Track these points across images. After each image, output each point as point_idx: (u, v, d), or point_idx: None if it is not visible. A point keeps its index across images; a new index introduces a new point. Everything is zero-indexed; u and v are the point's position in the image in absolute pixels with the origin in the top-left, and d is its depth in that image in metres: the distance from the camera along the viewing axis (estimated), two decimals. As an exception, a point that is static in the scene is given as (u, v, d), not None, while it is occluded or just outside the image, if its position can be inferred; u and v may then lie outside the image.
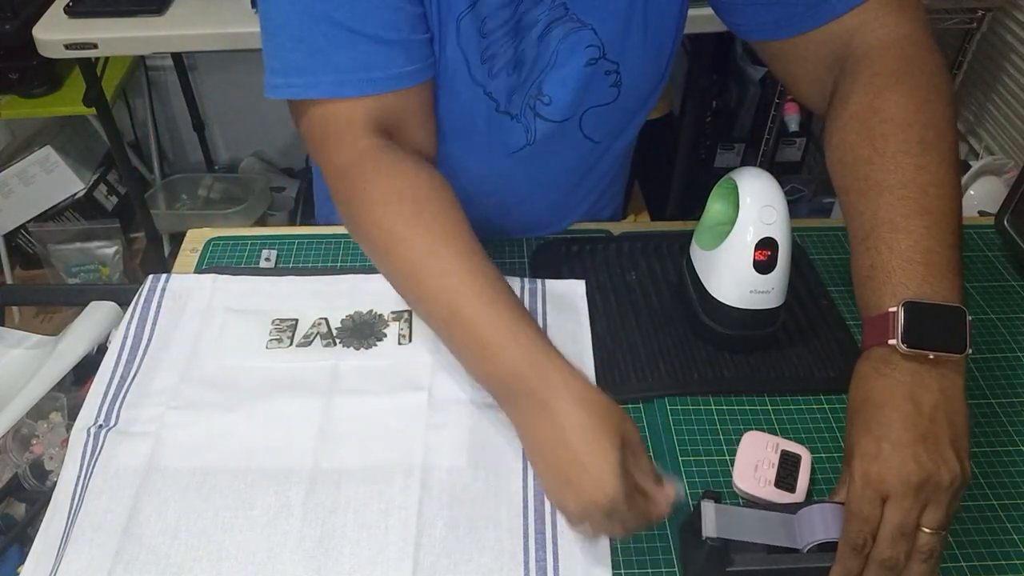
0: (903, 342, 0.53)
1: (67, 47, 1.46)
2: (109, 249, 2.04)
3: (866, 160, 0.60)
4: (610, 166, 0.92)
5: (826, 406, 0.74)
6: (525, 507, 0.64)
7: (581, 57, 0.74)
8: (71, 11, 1.49)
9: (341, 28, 0.62)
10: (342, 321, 0.79)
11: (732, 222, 0.72)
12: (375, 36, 0.63)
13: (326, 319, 0.79)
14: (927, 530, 0.52)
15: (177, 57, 2.14)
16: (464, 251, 0.62)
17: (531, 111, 0.76)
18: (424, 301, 0.63)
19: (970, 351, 0.54)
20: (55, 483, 0.66)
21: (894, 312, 0.54)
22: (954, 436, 0.52)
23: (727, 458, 0.69)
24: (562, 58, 0.73)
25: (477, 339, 0.60)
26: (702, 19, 1.51)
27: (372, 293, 0.82)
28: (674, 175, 1.88)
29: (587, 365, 0.76)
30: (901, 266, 0.56)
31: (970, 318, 0.54)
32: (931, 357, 0.53)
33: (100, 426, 0.70)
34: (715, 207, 0.79)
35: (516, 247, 0.90)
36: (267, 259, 0.88)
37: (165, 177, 2.27)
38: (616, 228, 0.93)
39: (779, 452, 0.67)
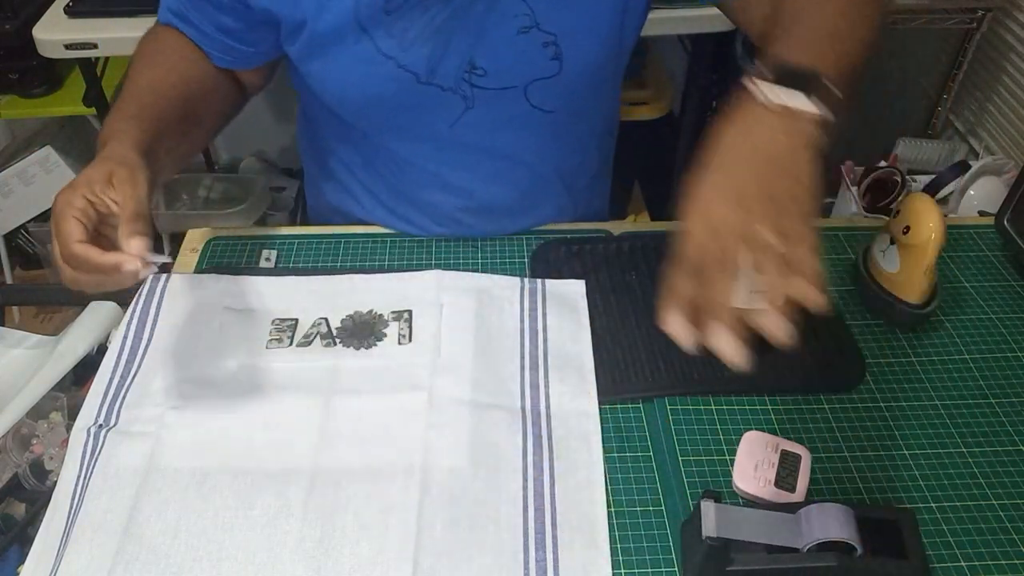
0: (775, 79, 0.56)
1: (67, 47, 1.46)
2: (109, 249, 2.04)
3: (783, 15, 0.66)
4: (582, 147, 0.92)
5: (826, 406, 0.74)
6: (525, 507, 0.64)
7: (511, 26, 0.74)
8: (71, 11, 1.49)
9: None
10: (342, 321, 0.79)
11: (732, 222, 0.72)
12: (193, 23, 0.77)
13: (326, 319, 0.79)
14: (766, 237, 0.52)
15: (177, 57, 2.13)
16: (161, 79, 0.76)
17: (466, 83, 0.77)
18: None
19: (825, 117, 0.56)
20: (55, 483, 0.66)
21: (774, 63, 0.58)
22: (794, 180, 0.54)
23: (727, 458, 0.69)
24: (490, 28, 0.73)
25: (114, 113, 0.73)
26: (702, 19, 1.51)
27: (372, 293, 0.82)
28: (674, 175, 1.88)
29: (587, 365, 0.76)
30: (791, 46, 0.60)
31: (834, 90, 0.57)
32: (791, 107, 0.55)
33: (100, 426, 0.70)
34: (715, 207, 0.79)
35: (516, 247, 0.90)
36: (267, 259, 0.88)
37: (165, 177, 2.27)
38: (616, 228, 0.93)
39: (779, 452, 0.67)
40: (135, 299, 0.81)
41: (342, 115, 0.83)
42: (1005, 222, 0.89)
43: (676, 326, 0.56)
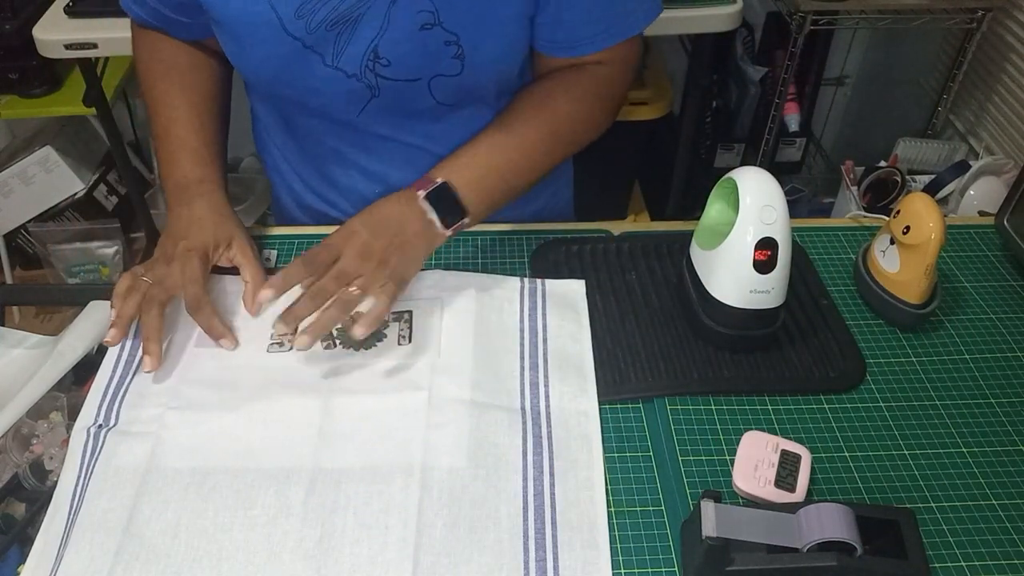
0: (425, 197, 0.76)
1: (67, 47, 1.46)
2: (109, 249, 2.04)
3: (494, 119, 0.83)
4: None
5: (826, 406, 0.74)
6: (525, 507, 0.64)
7: (414, 21, 0.74)
8: (71, 11, 1.48)
9: None
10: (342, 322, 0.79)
11: (732, 222, 0.72)
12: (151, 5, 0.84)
13: (326, 319, 0.79)
14: (352, 288, 0.72)
15: (177, 57, 2.13)
16: (196, 102, 0.87)
17: (371, 72, 0.78)
18: (155, 124, 0.86)
19: (449, 233, 0.77)
20: (55, 483, 0.66)
21: (438, 181, 0.77)
22: (404, 257, 0.75)
23: (727, 458, 0.69)
24: (394, 21, 0.75)
25: (174, 153, 0.84)
26: (702, 19, 1.51)
27: (372, 293, 0.82)
28: (674, 175, 1.88)
29: (587, 365, 0.76)
30: (460, 167, 0.79)
31: (466, 221, 0.78)
32: (429, 216, 0.76)
33: (100, 426, 0.70)
34: (715, 207, 0.79)
35: (516, 247, 0.90)
36: (267, 259, 0.88)
37: (165, 177, 2.27)
38: (616, 228, 0.93)
39: (779, 452, 0.67)
40: (135, 299, 0.81)
41: (266, 96, 0.89)
42: (1005, 222, 0.89)
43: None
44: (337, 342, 0.77)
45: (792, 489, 0.65)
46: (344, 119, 0.84)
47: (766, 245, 0.70)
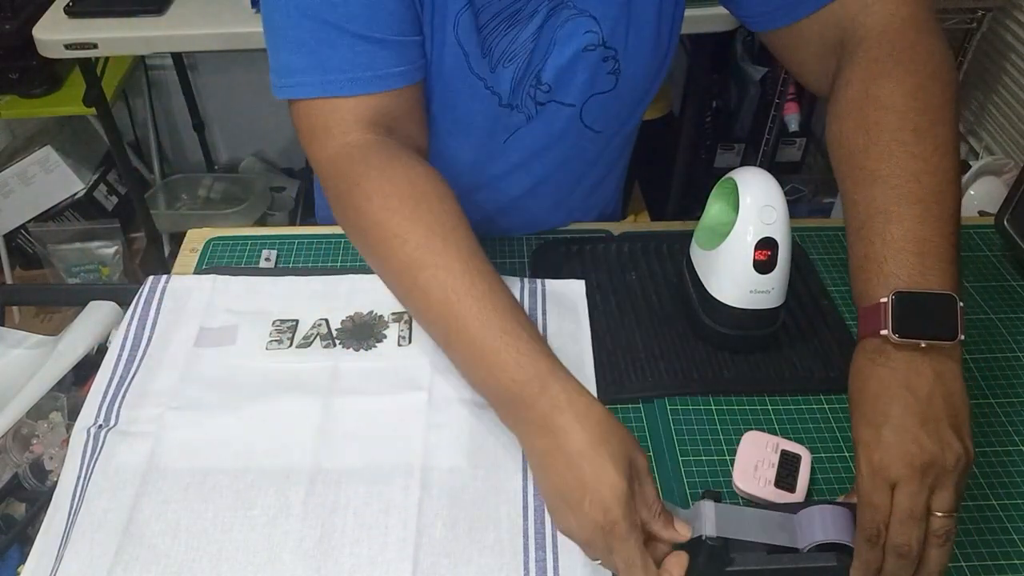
0: (894, 332, 0.54)
1: (67, 47, 1.46)
2: (109, 249, 2.04)
3: (861, 149, 0.60)
4: (610, 161, 0.92)
5: (826, 406, 0.74)
6: (525, 507, 0.64)
7: (579, 43, 0.73)
8: (71, 11, 1.48)
9: (331, 27, 0.63)
10: (342, 322, 0.79)
11: (732, 222, 0.72)
12: (364, 36, 0.64)
13: (326, 320, 0.79)
14: (939, 514, 0.52)
15: (177, 57, 2.14)
16: (463, 249, 0.61)
17: (531, 100, 0.76)
18: (418, 300, 0.62)
19: (962, 337, 0.54)
20: (55, 483, 0.66)
21: (885, 303, 0.55)
22: (953, 417, 0.52)
23: (727, 458, 0.69)
24: (560, 45, 0.73)
25: (473, 344, 0.59)
26: (702, 19, 1.51)
27: (372, 294, 0.82)
28: (674, 175, 1.88)
29: (587, 365, 0.76)
30: (893, 256, 0.56)
31: (961, 305, 0.54)
32: (923, 345, 0.54)
33: (100, 426, 0.70)
34: (715, 207, 0.79)
35: (516, 247, 0.90)
36: (267, 259, 0.88)
37: (165, 177, 2.27)
38: (616, 228, 0.93)
39: (779, 452, 0.67)
40: (135, 299, 0.81)
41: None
42: (1005, 222, 0.89)
43: None
44: (337, 342, 0.77)
45: (792, 489, 0.65)
46: (483, 146, 0.81)
47: (766, 245, 0.70)
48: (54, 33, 1.46)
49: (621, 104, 0.81)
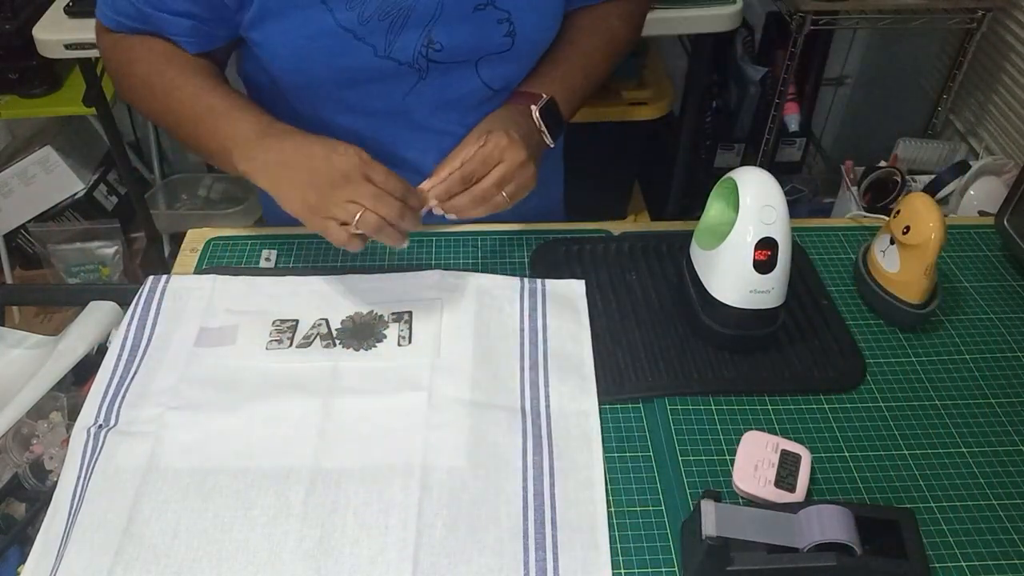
0: (539, 112, 0.82)
1: (67, 47, 1.46)
2: (109, 249, 2.04)
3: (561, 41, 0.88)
4: None
5: (826, 406, 0.74)
6: (525, 507, 0.64)
7: (468, 3, 0.76)
8: (71, 11, 1.48)
9: None
10: (342, 322, 0.79)
11: (732, 222, 0.72)
12: (136, 4, 0.77)
13: (326, 320, 0.79)
14: (504, 194, 0.76)
15: (177, 57, 2.13)
16: (211, 79, 0.80)
17: (424, 59, 0.78)
18: (178, 114, 0.79)
19: (552, 145, 0.84)
20: (55, 483, 0.66)
21: (545, 97, 0.83)
22: (537, 160, 0.79)
23: (727, 458, 0.69)
24: (448, 5, 0.75)
25: (224, 113, 0.76)
26: (702, 19, 1.51)
27: (372, 293, 0.82)
28: (674, 175, 1.88)
29: (587, 365, 0.76)
30: (552, 84, 0.85)
31: (561, 136, 0.87)
32: (542, 129, 0.82)
33: (100, 426, 0.70)
34: (715, 207, 0.79)
35: (516, 247, 0.90)
36: (267, 259, 0.88)
37: (165, 177, 2.27)
38: (616, 228, 0.93)
39: (779, 452, 0.67)
40: (135, 299, 0.81)
41: (294, 91, 0.84)
42: (1005, 222, 0.89)
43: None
44: (337, 342, 0.77)
45: (792, 489, 0.65)
46: (382, 108, 0.84)
47: (766, 245, 0.70)
48: (54, 33, 1.46)
49: (519, 63, 0.85)
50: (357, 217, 0.69)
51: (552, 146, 0.83)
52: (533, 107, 0.82)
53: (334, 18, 0.73)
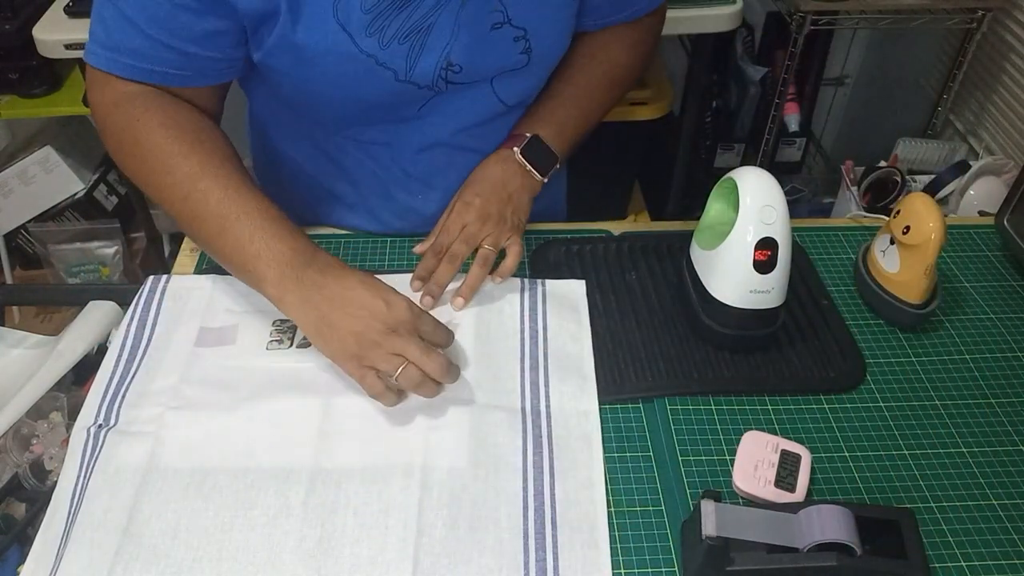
0: (521, 152, 0.85)
1: (67, 47, 1.46)
2: (109, 249, 2.04)
3: (556, 76, 0.88)
4: None
5: (826, 406, 0.74)
6: (525, 507, 0.64)
7: (485, 22, 0.75)
8: (71, 11, 1.48)
9: (128, 22, 0.69)
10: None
11: (732, 222, 0.72)
12: (157, 39, 0.70)
13: (326, 319, 0.79)
14: (487, 246, 0.81)
15: (177, 57, 2.13)
16: (233, 169, 0.73)
17: (443, 81, 0.78)
18: (196, 204, 0.72)
19: (546, 180, 0.87)
20: (55, 483, 0.66)
21: (528, 136, 0.85)
22: (516, 208, 0.84)
23: (727, 458, 0.69)
24: (465, 25, 0.74)
25: (243, 234, 0.70)
26: (702, 19, 1.51)
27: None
28: (674, 175, 1.88)
29: (587, 365, 0.76)
30: (541, 121, 0.87)
31: (558, 167, 0.88)
32: (527, 168, 0.85)
33: (100, 426, 0.70)
34: (715, 207, 0.79)
35: (516, 247, 0.90)
36: (267, 259, 0.88)
37: (165, 177, 2.27)
38: (616, 228, 0.93)
39: (779, 452, 0.67)
40: (135, 299, 0.81)
41: (310, 116, 0.84)
42: (1005, 222, 0.89)
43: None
44: (337, 342, 0.77)
45: (792, 489, 0.65)
46: (395, 126, 0.83)
47: (766, 245, 0.70)
48: (54, 33, 1.46)
49: (534, 80, 0.85)
50: (399, 371, 0.66)
51: (546, 181, 0.86)
52: (515, 149, 0.85)
53: (356, 44, 0.72)
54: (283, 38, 0.71)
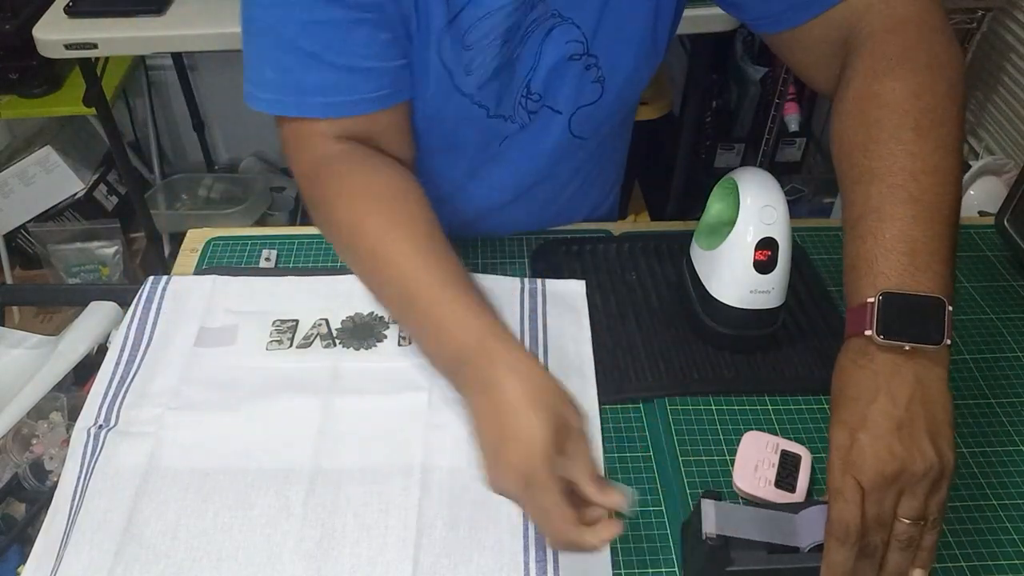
0: (879, 333, 0.53)
1: (67, 47, 1.46)
2: (109, 249, 2.04)
3: (860, 147, 0.59)
4: (600, 164, 0.92)
5: (826, 406, 0.74)
6: (525, 507, 0.64)
7: (563, 51, 0.74)
8: (71, 11, 1.48)
9: (306, 55, 0.63)
10: (342, 322, 0.79)
11: (732, 222, 0.72)
12: (340, 64, 0.64)
13: (326, 320, 0.79)
14: (904, 520, 0.52)
15: (177, 57, 2.13)
16: (422, 238, 0.62)
17: (523, 109, 0.77)
18: (382, 286, 0.64)
19: (948, 342, 0.53)
20: (55, 483, 0.66)
21: (871, 303, 0.53)
22: (931, 425, 0.52)
23: (727, 458, 0.69)
24: (545, 54, 0.73)
25: (430, 319, 0.59)
26: (702, 19, 1.51)
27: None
28: (674, 175, 1.88)
29: (587, 365, 0.76)
30: (884, 255, 0.55)
31: (950, 308, 0.53)
32: (907, 348, 0.53)
33: (100, 426, 0.70)
34: (715, 207, 0.79)
35: (516, 247, 0.90)
36: (267, 259, 0.88)
37: (165, 177, 2.27)
38: (616, 228, 0.93)
39: (779, 452, 0.67)
40: (135, 300, 0.81)
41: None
42: (1005, 222, 0.89)
43: None
44: (337, 342, 0.77)
45: (792, 489, 0.65)
46: (473, 153, 0.81)
47: (766, 245, 0.70)
48: (54, 33, 1.46)
49: (608, 113, 0.82)
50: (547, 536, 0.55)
51: (948, 343, 0.54)
52: (868, 332, 0.53)
53: (452, 82, 0.71)
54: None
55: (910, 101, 0.59)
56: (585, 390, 0.74)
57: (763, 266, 0.71)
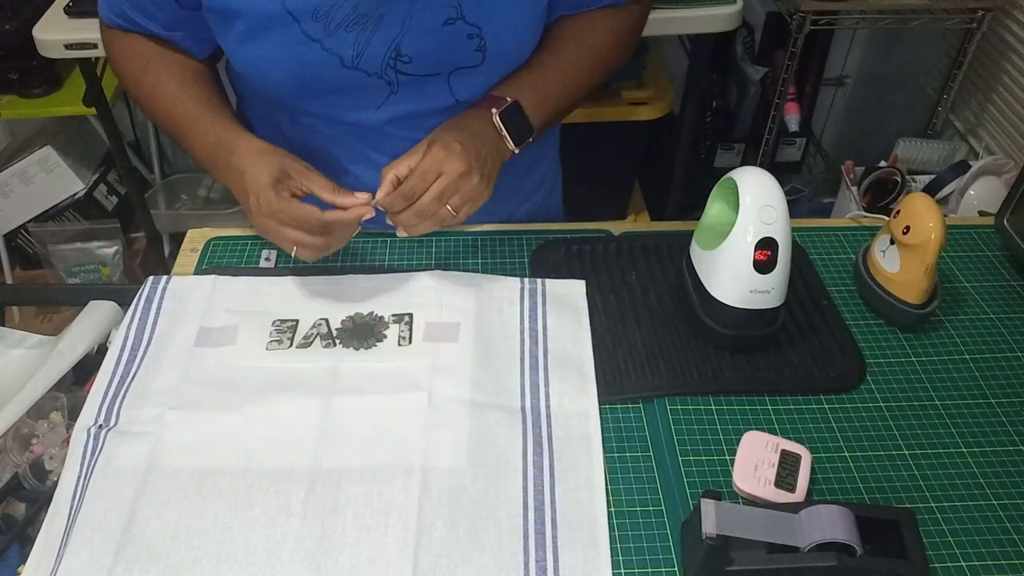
0: (500, 116, 0.80)
1: (67, 47, 1.46)
2: (109, 249, 2.04)
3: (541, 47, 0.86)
4: (528, 155, 0.92)
5: (826, 406, 0.74)
6: (525, 507, 0.64)
7: (437, 16, 0.75)
8: (71, 11, 1.48)
9: None
10: (342, 322, 0.79)
11: (732, 222, 0.72)
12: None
13: (326, 320, 0.79)
14: (451, 207, 0.75)
15: (177, 57, 2.13)
16: (190, 83, 0.85)
17: (392, 69, 0.78)
18: (172, 126, 0.84)
19: (516, 151, 0.82)
20: (55, 483, 0.66)
21: (508, 100, 0.81)
22: (489, 171, 0.78)
23: (727, 458, 0.69)
24: (416, 17, 0.75)
25: (194, 132, 0.82)
26: (702, 19, 1.51)
27: (372, 294, 0.82)
28: (674, 175, 1.88)
29: (587, 365, 0.76)
30: (523, 89, 0.83)
31: (531, 140, 0.83)
32: (503, 134, 0.81)
33: (100, 426, 0.70)
34: (715, 207, 0.79)
35: (516, 247, 0.90)
36: (267, 259, 0.88)
37: (165, 177, 2.27)
38: (616, 228, 0.93)
39: (779, 452, 0.67)
40: (135, 299, 0.81)
41: (272, 97, 0.84)
42: (1005, 222, 0.89)
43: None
44: (337, 342, 0.77)
45: (792, 489, 0.65)
46: (356, 117, 0.84)
47: (766, 245, 0.70)
48: (54, 33, 1.46)
49: (493, 78, 0.83)
50: (293, 252, 0.75)
51: (516, 151, 0.82)
52: (494, 110, 0.80)
53: (301, 28, 0.73)
54: (241, 25, 0.74)
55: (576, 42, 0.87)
56: (585, 390, 0.74)
57: (763, 266, 0.71)
